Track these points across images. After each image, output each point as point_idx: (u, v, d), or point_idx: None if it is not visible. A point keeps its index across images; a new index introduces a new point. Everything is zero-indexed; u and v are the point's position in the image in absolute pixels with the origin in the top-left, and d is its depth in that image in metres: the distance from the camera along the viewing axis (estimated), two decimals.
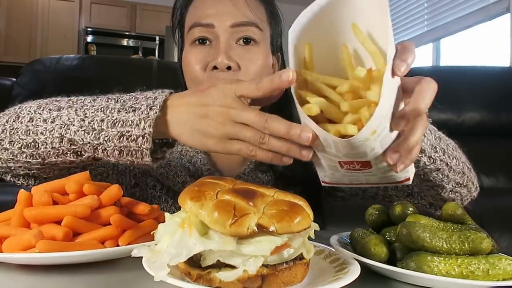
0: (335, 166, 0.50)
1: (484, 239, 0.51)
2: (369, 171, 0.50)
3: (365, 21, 0.47)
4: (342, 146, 0.46)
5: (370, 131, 0.44)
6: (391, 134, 0.47)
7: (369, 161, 0.48)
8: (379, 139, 0.45)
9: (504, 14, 3.18)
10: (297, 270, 0.44)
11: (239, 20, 0.81)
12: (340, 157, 0.48)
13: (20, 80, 1.86)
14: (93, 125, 0.58)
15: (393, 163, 0.47)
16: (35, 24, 5.17)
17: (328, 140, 0.46)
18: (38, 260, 0.49)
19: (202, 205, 0.42)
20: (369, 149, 0.46)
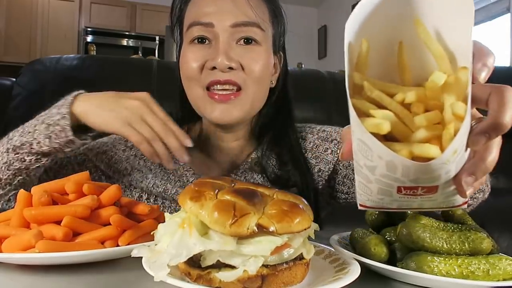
0: (390, 191, 0.42)
1: (484, 239, 0.51)
2: (430, 196, 0.42)
3: (434, 19, 0.40)
4: (415, 171, 0.38)
5: (452, 152, 0.36)
6: (465, 154, 0.40)
7: (437, 186, 0.41)
8: (456, 160, 0.38)
9: (504, 14, 3.18)
10: (297, 270, 0.44)
11: (240, 20, 0.79)
12: (404, 182, 0.40)
13: (20, 80, 1.86)
14: (29, 129, 0.74)
15: (466, 186, 0.41)
16: (35, 24, 5.17)
17: (396, 162, 0.37)
18: (38, 260, 0.49)
19: (202, 205, 0.42)
20: (444, 172, 0.39)
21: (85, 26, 5.39)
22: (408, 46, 0.41)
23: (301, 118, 1.93)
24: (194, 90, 0.81)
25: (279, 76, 0.90)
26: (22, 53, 5.04)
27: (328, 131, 0.94)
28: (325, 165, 0.90)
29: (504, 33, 3.18)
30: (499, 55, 3.26)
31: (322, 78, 2.14)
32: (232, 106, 0.79)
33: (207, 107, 0.80)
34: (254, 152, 0.91)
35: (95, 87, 2.12)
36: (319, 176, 0.90)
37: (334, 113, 2.01)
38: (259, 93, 0.83)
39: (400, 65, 0.41)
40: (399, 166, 0.37)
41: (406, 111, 0.38)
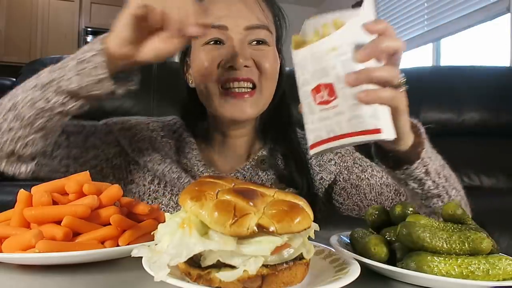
0: (310, 103, 0.55)
1: (484, 239, 0.51)
2: (336, 105, 0.53)
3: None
4: (307, 57, 0.54)
5: (330, 46, 0.52)
6: (357, 65, 0.52)
7: (332, 85, 0.53)
8: (340, 59, 0.52)
9: (504, 14, 3.18)
10: (297, 270, 0.44)
11: (253, 23, 0.83)
12: (309, 82, 0.55)
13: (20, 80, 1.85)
14: (58, 66, 0.69)
15: (349, 80, 0.51)
16: (35, 24, 5.16)
17: (298, 61, 0.55)
18: (38, 260, 0.49)
19: (202, 205, 0.42)
20: (331, 66, 0.52)
21: (85, 26, 5.39)
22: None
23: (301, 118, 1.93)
24: (209, 88, 0.83)
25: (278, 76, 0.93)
26: (22, 53, 5.04)
27: None
28: (327, 175, 0.93)
29: (504, 33, 3.18)
30: (499, 55, 3.26)
31: None
32: (246, 104, 0.83)
33: (222, 104, 0.83)
34: (261, 150, 0.93)
35: None
36: (320, 184, 0.93)
37: None
38: (271, 90, 0.87)
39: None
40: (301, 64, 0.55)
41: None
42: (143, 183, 0.88)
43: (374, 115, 0.52)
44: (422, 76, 2.24)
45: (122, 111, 1.82)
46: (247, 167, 0.90)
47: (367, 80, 0.52)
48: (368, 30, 0.53)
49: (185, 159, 0.90)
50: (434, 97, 2.15)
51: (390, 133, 0.53)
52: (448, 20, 3.73)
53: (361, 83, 0.51)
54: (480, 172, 2.03)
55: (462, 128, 2.12)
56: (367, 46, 0.52)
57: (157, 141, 0.90)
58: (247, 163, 0.91)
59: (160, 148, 0.89)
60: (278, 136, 0.93)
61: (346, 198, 0.92)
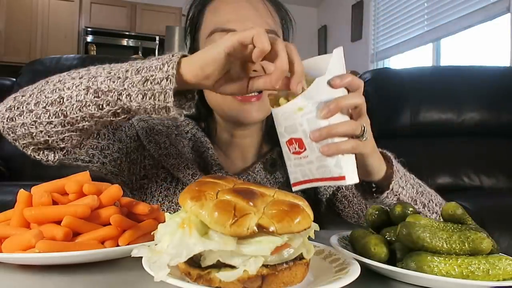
0: (287, 151, 0.64)
1: (484, 239, 0.51)
2: (306, 156, 0.62)
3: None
4: (280, 117, 0.62)
5: (296, 107, 0.60)
6: (320, 122, 0.59)
7: (301, 139, 0.61)
8: (306, 118, 0.59)
9: (504, 14, 3.18)
10: (297, 270, 0.44)
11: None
12: (284, 135, 0.63)
13: (20, 80, 1.86)
14: (119, 74, 0.62)
15: (313, 137, 0.59)
16: (35, 24, 5.17)
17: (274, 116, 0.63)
18: (38, 260, 0.49)
19: (202, 205, 0.42)
20: (298, 123, 0.60)
21: (85, 26, 5.39)
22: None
23: None
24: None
25: None
26: (22, 53, 5.04)
27: None
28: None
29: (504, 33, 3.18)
30: (499, 55, 3.26)
31: None
32: (253, 108, 0.83)
33: (230, 107, 0.83)
34: (270, 153, 0.94)
35: None
36: (325, 190, 0.95)
37: None
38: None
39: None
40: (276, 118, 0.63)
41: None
42: (156, 180, 0.89)
43: (337, 164, 0.60)
44: (422, 76, 2.25)
45: None
46: (257, 170, 0.91)
47: (328, 136, 0.59)
48: (333, 87, 0.59)
49: (199, 158, 0.90)
50: (434, 97, 2.15)
51: (353, 178, 0.61)
52: (448, 20, 3.73)
53: (324, 139, 0.59)
54: (480, 172, 2.03)
55: (462, 128, 2.12)
56: (329, 104, 0.58)
57: (172, 137, 0.90)
58: (256, 165, 0.92)
59: (176, 143, 0.89)
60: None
61: (347, 206, 0.95)
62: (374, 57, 4.92)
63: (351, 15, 5.38)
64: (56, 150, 0.73)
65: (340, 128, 0.59)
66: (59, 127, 0.67)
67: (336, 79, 0.59)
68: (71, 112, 0.65)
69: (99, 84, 0.63)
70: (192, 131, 0.93)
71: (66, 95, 0.65)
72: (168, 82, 0.59)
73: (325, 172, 0.61)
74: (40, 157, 0.73)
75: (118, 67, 0.65)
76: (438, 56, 4.04)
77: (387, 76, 2.27)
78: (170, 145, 0.88)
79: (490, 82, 2.20)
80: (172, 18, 5.59)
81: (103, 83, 0.63)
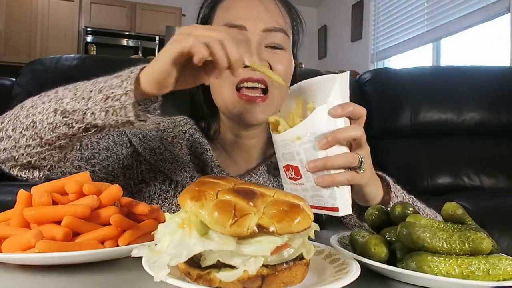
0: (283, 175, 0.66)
1: (484, 239, 0.51)
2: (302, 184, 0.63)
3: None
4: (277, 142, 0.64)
5: (295, 135, 0.61)
6: (317, 153, 0.60)
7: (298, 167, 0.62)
8: (303, 147, 0.60)
9: (504, 14, 3.18)
10: (297, 270, 0.44)
11: (271, 26, 0.83)
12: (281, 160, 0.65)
13: (20, 80, 1.86)
14: (83, 95, 0.66)
15: (308, 168, 0.60)
16: (35, 24, 5.17)
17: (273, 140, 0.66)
18: (38, 260, 0.49)
19: (202, 205, 0.42)
20: (295, 152, 0.61)
21: (85, 26, 5.39)
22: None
23: None
24: (224, 88, 0.83)
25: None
26: (22, 53, 5.04)
27: None
28: None
29: (504, 33, 3.18)
30: (499, 55, 3.26)
31: None
32: (258, 109, 0.83)
33: (236, 106, 0.83)
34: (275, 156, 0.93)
35: None
36: None
37: None
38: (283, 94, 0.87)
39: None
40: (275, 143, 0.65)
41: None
42: (154, 183, 0.89)
43: (331, 195, 0.60)
44: (422, 76, 2.25)
45: None
46: (260, 172, 0.91)
47: (324, 168, 0.60)
48: (333, 117, 0.60)
49: (197, 160, 0.90)
50: (434, 97, 2.15)
51: (346, 210, 0.61)
52: (448, 20, 3.73)
53: (319, 170, 0.60)
54: (480, 172, 2.03)
55: (462, 128, 2.12)
56: (327, 136, 0.59)
57: (167, 141, 0.90)
58: (261, 167, 0.91)
59: (171, 148, 0.89)
60: None
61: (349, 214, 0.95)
62: (374, 57, 4.92)
63: (351, 15, 5.38)
64: (40, 168, 0.75)
65: (336, 161, 0.60)
66: (38, 148, 0.70)
67: (337, 109, 0.60)
68: (45, 134, 0.68)
69: (65, 105, 0.66)
70: (190, 131, 0.93)
71: (38, 119, 0.68)
72: (127, 97, 0.61)
73: (319, 201, 0.62)
74: (26, 176, 0.76)
75: (83, 87, 0.67)
76: (438, 56, 4.04)
77: (387, 76, 2.27)
78: (165, 150, 0.88)
79: (490, 82, 2.21)
80: (172, 18, 5.59)
81: (69, 104, 0.66)
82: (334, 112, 0.60)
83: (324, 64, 5.87)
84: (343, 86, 0.62)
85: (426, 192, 1.89)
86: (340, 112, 0.60)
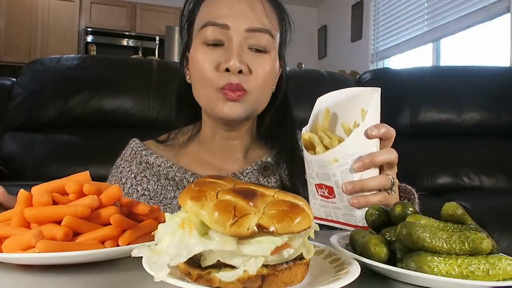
0: (313, 191, 0.68)
1: (484, 239, 0.51)
2: (334, 202, 0.65)
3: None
4: (312, 162, 0.66)
5: (332, 158, 0.63)
6: (353, 174, 0.62)
7: (332, 188, 0.64)
8: (340, 169, 0.63)
9: (504, 14, 3.18)
10: (297, 270, 0.44)
11: (255, 26, 0.82)
12: (314, 178, 0.66)
13: (20, 80, 1.86)
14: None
15: (346, 190, 0.63)
16: (35, 24, 5.17)
17: (307, 158, 0.67)
18: (38, 260, 0.49)
19: (202, 205, 0.42)
20: (331, 173, 0.63)
21: (85, 26, 5.39)
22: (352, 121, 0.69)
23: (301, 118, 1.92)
24: (207, 90, 0.83)
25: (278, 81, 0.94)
26: (22, 53, 5.05)
27: None
28: None
29: (504, 33, 3.18)
30: (499, 55, 3.25)
31: (322, 78, 2.14)
32: (239, 104, 0.83)
33: (219, 104, 0.83)
34: (265, 156, 0.93)
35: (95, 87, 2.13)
36: None
37: None
38: (262, 96, 0.88)
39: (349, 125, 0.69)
40: (308, 161, 0.67)
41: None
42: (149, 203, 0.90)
43: (363, 215, 0.61)
44: (422, 76, 2.25)
45: (122, 110, 1.82)
46: (247, 172, 0.90)
47: (360, 191, 0.63)
48: (368, 137, 0.63)
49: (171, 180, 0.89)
50: (434, 97, 2.15)
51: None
52: (448, 20, 3.73)
53: (355, 193, 0.63)
54: (480, 172, 2.03)
55: (462, 128, 2.12)
56: (364, 159, 0.62)
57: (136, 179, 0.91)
58: (248, 168, 0.90)
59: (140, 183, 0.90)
60: (283, 144, 0.94)
61: None
62: (374, 57, 4.92)
63: (351, 15, 5.38)
64: None
65: (372, 183, 0.63)
66: None
67: (373, 130, 0.63)
68: None
69: None
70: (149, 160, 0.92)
71: None
72: None
73: (350, 219, 0.65)
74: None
75: None
76: (438, 56, 4.04)
77: (387, 76, 2.27)
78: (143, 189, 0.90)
79: (490, 82, 2.21)
80: (172, 18, 5.59)
81: None
82: (370, 133, 0.63)
83: (324, 64, 5.87)
84: (377, 104, 0.64)
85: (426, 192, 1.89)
86: (375, 133, 0.63)
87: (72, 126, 1.81)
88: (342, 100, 0.69)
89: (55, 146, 1.74)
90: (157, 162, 0.90)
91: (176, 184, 0.88)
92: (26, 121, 1.78)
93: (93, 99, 1.80)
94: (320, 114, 0.71)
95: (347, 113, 0.69)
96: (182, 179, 0.87)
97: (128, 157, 0.95)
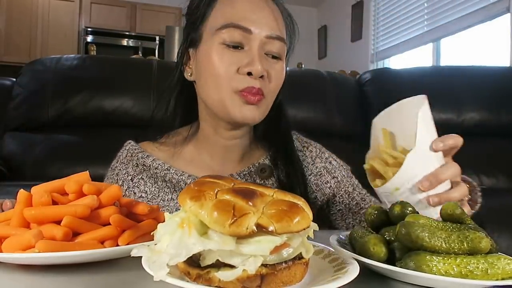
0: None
1: (483, 239, 0.51)
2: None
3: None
4: (379, 193, 0.69)
5: (393, 187, 0.65)
6: (418, 195, 0.65)
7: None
8: (403, 196, 0.65)
9: (504, 14, 3.18)
10: (296, 270, 0.44)
11: (274, 34, 0.83)
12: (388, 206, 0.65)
13: (20, 80, 1.86)
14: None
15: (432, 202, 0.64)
16: (35, 24, 5.17)
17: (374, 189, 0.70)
18: (38, 260, 0.49)
19: (201, 204, 0.42)
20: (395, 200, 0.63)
21: (85, 26, 5.39)
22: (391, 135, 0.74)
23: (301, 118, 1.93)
24: (220, 91, 0.81)
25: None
26: (22, 53, 5.05)
27: (334, 164, 0.98)
28: (322, 196, 0.95)
29: (504, 33, 3.18)
30: (499, 55, 3.26)
31: (322, 78, 2.14)
32: (257, 108, 0.83)
33: (236, 107, 0.81)
34: (262, 158, 0.93)
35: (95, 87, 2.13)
36: (313, 203, 0.95)
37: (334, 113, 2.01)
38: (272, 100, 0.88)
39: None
40: (378, 193, 0.70)
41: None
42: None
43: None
44: (422, 76, 2.25)
45: (122, 110, 1.82)
46: (244, 173, 0.89)
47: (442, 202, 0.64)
48: (434, 151, 0.66)
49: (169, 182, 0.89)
50: (434, 97, 2.14)
51: None
52: (448, 20, 3.73)
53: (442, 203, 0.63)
54: (480, 172, 2.03)
55: (462, 128, 2.11)
56: (429, 178, 0.65)
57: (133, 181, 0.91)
58: (245, 169, 0.90)
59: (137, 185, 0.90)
60: (279, 145, 0.94)
61: (340, 220, 0.97)
62: (374, 57, 4.92)
63: (351, 15, 5.38)
64: None
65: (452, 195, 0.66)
66: None
67: (438, 144, 0.66)
68: None
69: None
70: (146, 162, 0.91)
71: None
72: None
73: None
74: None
75: None
76: (438, 56, 4.04)
77: (387, 76, 2.27)
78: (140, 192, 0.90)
79: (490, 82, 2.20)
80: (172, 18, 5.59)
81: None
82: (436, 147, 0.65)
83: (324, 64, 5.87)
84: (425, 116, 0.66)
85: None
86: (441, 147, 0.66)
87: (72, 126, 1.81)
88: (392, 116, 0.72)
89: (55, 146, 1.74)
90: (154, 165, 0.89)
91: (173, 186, 0.88)
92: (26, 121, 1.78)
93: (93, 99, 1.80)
94: (379, 136, 0.74)
95: (399, 129, 0.71)
96: (179, 181, 0.87)
97: (124, 159, 0.94)
